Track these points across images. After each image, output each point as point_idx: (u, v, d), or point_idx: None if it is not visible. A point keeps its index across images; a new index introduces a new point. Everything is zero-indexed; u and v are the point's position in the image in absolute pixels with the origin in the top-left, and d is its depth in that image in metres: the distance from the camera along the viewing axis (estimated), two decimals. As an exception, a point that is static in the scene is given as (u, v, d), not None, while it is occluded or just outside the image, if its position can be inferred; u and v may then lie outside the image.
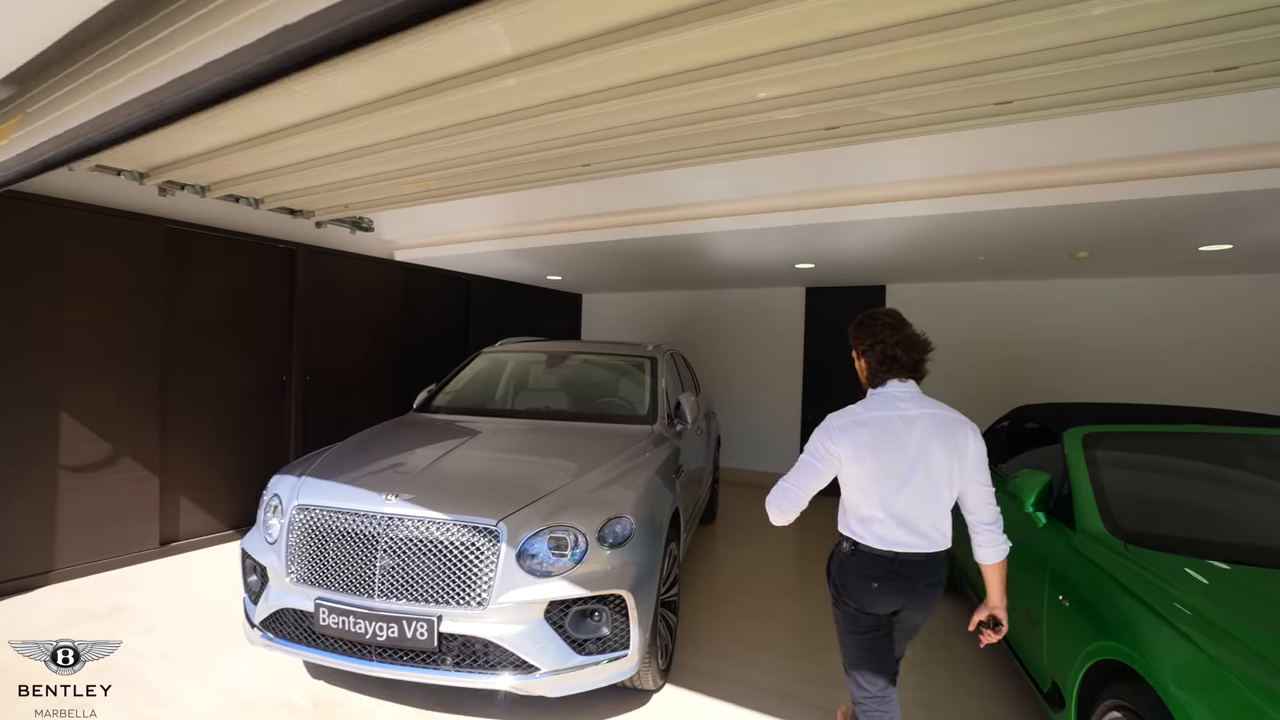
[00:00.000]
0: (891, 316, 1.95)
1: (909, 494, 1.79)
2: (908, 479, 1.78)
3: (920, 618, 1.92)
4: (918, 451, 1.79)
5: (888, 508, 1.80)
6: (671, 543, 3.02)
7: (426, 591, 2.27)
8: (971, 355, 6.40)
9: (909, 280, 6.53)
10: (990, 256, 4.94)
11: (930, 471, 1.79)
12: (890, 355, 1.88)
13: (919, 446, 1.79)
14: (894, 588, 1.83)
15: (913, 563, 1.82)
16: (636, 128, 2.88)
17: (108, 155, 3.60)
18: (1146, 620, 1.74)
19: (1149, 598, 1.79)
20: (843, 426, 1.84)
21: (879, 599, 1.85)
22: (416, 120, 2.90)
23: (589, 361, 4.33)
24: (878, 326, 1.93)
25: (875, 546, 1.83)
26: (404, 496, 2.40)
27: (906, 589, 1.83)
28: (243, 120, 2.96)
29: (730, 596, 4.01)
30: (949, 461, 1.80)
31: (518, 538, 2.30)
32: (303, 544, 2.44)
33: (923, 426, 1.82)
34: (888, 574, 1.82)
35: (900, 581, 1.82)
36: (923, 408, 1.86)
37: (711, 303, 7.90)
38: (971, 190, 3.53)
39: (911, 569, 1.82)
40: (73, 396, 3.90)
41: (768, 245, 4.87)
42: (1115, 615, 1.84)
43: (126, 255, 4.12)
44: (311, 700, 2.59)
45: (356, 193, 4.31)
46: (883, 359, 1.90)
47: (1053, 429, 2.95)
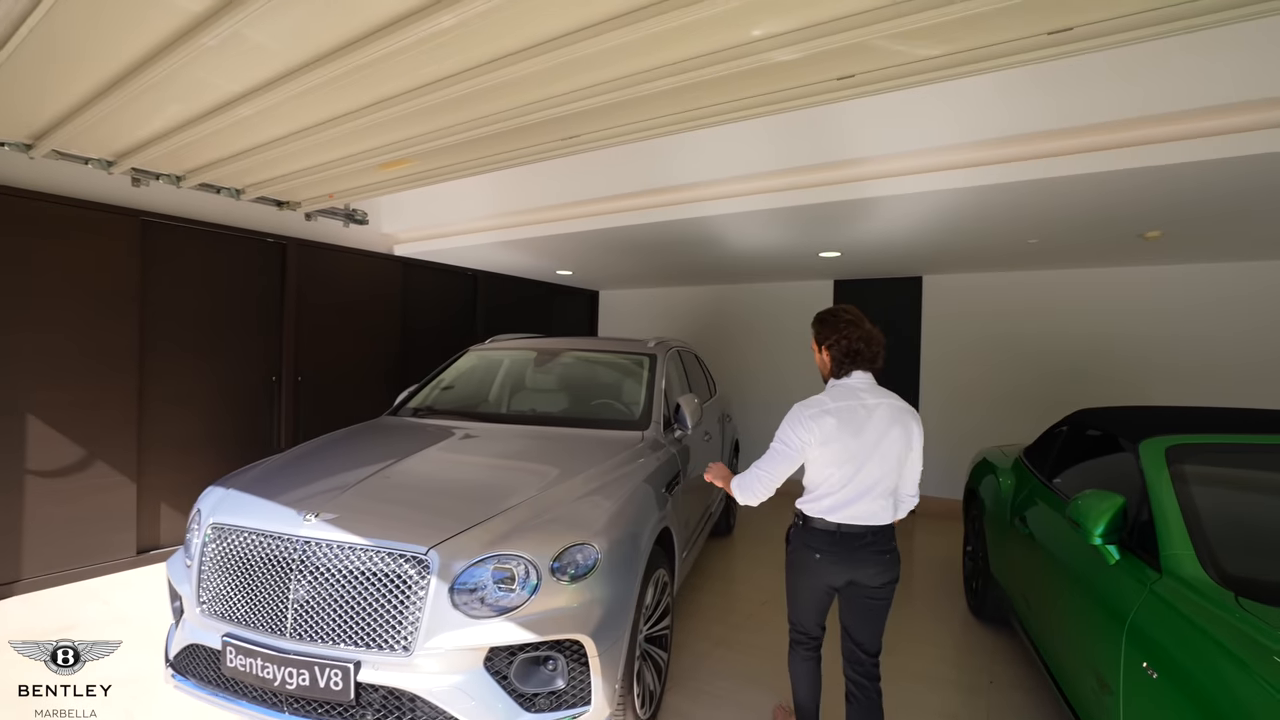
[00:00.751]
0: (852, 313, 2.12)
1: (865, 474, 1.98)
2: (867, 461, 1.98)
3: (877, 583, 2.03)
4: (876, 438, 1.99)
5: (845, 487, 1.98)
6: (660, 568, 2.59)
7: (344, 632, 1.89)
8: (1020, 354, 5.75)
9: (948, 270, 5.92)
10: (1043, 239, 4.33)
11: (885, 455, 2.00)
12: (854, 349, 2.06)
13: (877, 433, 1.99)
14: (834, 559, 2.02)
15: (852, 534, 2.01)
16: (616, 84, 2.46)
17: (69, 140, 3.38)
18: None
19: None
20: (812, 415, 2.00)
21: (823, 570, 2.04)
22: (364, 86, 2.55)
23: (582, 360, 3.92)
24: (841, 323, 2.09)
25: (823, 518, 2.03)
26: (325, 516, 2.03)
27: (848, 558, 2.01)
28: (183, 89, 2.67)
29: (743, 626, 3.54)
30: (902, 447, 2.02)
31: (452, 569, 1.90)
32: (215, 570, 2.10)
33: (880, 414, 2.02)
34: (828, 545, 2.02)
35: (841, 552, 2.01)
36: (880, 397, 2.06)
37: (733, 298, 7.42)
38: (1020, 155, 2.97)
39: (852, 540, 2.01)
40: (42, 398, 3.71)
41: (782, 231, 4.38)
42: (1233, 706, 1.32)
43: (99, 249, 3.91)
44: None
45: (335, 179, 4.01)
46: (846, 352, 2.07)
47: (1123, 439, 2.40)
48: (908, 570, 4.53)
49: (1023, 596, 2.84)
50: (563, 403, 3.61)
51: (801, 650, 2.22)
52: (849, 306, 2.16)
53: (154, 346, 4.19)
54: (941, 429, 6.05)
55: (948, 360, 6.10)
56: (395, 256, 5.84)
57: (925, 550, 5.12)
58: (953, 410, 6.04)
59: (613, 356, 3.89)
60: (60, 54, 2.40)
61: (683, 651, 3.19)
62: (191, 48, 2.19)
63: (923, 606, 3.89)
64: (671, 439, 3.25)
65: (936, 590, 4.16)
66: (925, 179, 3.22)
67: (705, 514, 3.95)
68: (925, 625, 3.62)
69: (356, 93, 2.65)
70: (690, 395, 3.41)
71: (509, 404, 3.68)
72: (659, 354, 3.72)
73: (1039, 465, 3.14)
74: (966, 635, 3.51)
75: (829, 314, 2.15)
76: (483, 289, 6.89)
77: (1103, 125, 2.71)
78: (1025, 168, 2.99)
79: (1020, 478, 3.27)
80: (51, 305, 3.73)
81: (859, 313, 2.12)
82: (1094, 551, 2.09)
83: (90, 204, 3.87)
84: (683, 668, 3.03)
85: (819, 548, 2.03)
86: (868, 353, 2.07)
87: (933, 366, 6.17)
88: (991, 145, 2.98)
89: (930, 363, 6.19)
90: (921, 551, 5.10)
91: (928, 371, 6.20)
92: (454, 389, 3.72)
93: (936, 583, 4.32)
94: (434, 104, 2.69)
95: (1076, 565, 2.26)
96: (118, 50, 2.34)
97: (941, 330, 6.14)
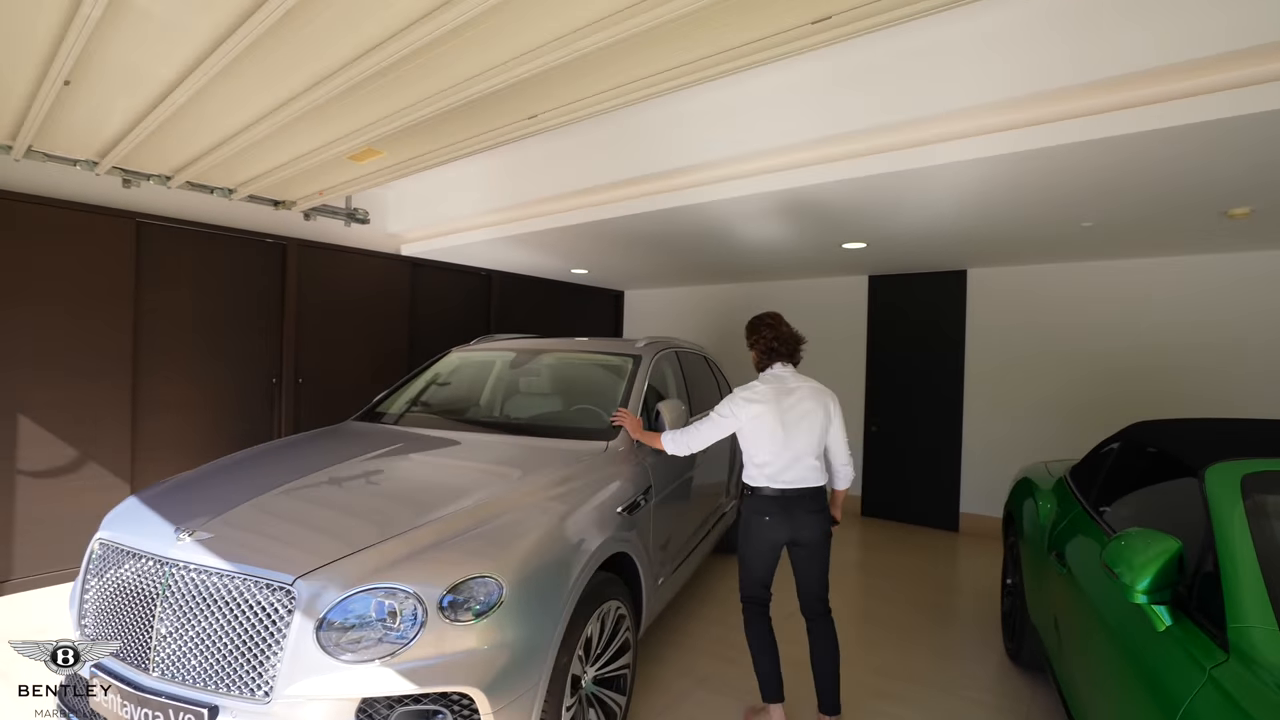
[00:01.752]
0: (773, 317, 2.62)
1: (793, 442, 2.41)
2: (793, 430, 2.41)
3: (815, 539, 2.44)
4: (799, 413, 2.44)
5: (776, 456, 2.41)
6: (612, 600, 2.25)
7: (204, 672, 1.64)
8: (1079, 357, 5.05)
9: (994, 263, 5.27)
10: (1100, 221, 3.71)
11: (811, 427, 2.44)
12: (771, 347, 2.57)
13: (799, 409, 2.44)
14: (780, 519, 2.42)
15: (793, 496, 2.42)
16: (559, 43, 2.15)
17: (44, 139, 3.37)
18: None
19: None
20: (747, 397, 2.48)
21: (771, 529, 2.43)
22: (287, 62, 2.35)
23: (561, 363, 3.61)
24: (763, 326, 2.60)
25: (766, 486, 2.44)
26: (200, 536, 1.80)
27: (790, 518, 2.41)
28: (120, 79, 2.56)
29: (736, 661, 3.10)
30: (823, 418, 2.47)
31: (320, 602, 1.62)
32: (95, 591, 1.91)
33: (801, 394, 2.48)
34: (775, 508, 2.42)
35: (785, 513, 2.41)
36: (800, 382, 2.53)
37: (761, 296, 6.94)
38: (1068, 114, 2.44)
39: (792, 502, 2.42)
40: (35, 399, 3.72)
41: (789, 220, 3.94)
42: None
43: (93, 250, 3.91)
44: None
45: (314, 174, 3.89)
46: (767, 350, 2.58)
47: (1186, 460, 1.88)
48: (945, 597, 3.98)
49: (1058, 649, 2.32)
50: (531, 409, 3.32)
51: (755, 608, 2.53)
52: (772, 313, 2.65)
53: (149, 348, 4.18)
54: (987, 439, 5.41)
55: (995, 363, 5.44)
56: (403, 256, 5.73)
57: (968, 575, 4.53)
58: (1000, 418, 5.38)
59: (594, 358, 3.56)
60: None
61: (655, 690, 2.82)
62: (79, 19, 2.02)
63: (955, 643, 3.37)
64: (647, 451, 2.90)
65: (972, 625, 3.62)
66: (953, 147, 2.71)
67: (701, 530, 3.56)
68: (954, 667, 3.10)
69: (284, 73, 2.46)
70: (674, 401, 3.03)
71: (474, 409, 3.41)
72: (645, 355, 3.37)
73: (1084, 489, 2.60)
74: (1001, 683, 2.98)
75: (754, 320, 2.65)
76: (497, 289, 6.71)
77: (1183, 66, 2.14)
78: (1079, 127, 2.45)
79: (1062, 502, 2.73)
80: (45, 307, 3.74)
81: (779, 316, 2.63)
82: (1134, 613, 1.61)
83: (83, 206, 3.87)
84: (652, 710, 2.66)
85: (767, 511, 2.43)
86: (784, 349, 2.56)
87: (978, 369, 5.52)
88: (1043, 101, 2.43)
89: (975, 365, 5.54)
90: (965, 576, 4.51)
91: (973, 374, 5.55)
92: (424, 391, 3.49)
93: (974, 616, 3.76)
94: (371, 81, 2.47)
95: (1117, 623, 1.76)
96: (33, 31, 2.22)
97: (988, 329, 5.49)
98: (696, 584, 4.14)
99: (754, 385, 2.52)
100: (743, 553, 2.53)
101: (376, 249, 5.53)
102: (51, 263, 3.76)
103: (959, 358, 5.60)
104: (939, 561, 4.80)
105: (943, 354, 5.68)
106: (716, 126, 3.35)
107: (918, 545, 4.94)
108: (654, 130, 3.64)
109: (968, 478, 5.49)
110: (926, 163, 2.80)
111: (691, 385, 4.01)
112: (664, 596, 3.06)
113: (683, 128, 3.50)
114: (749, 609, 2.54)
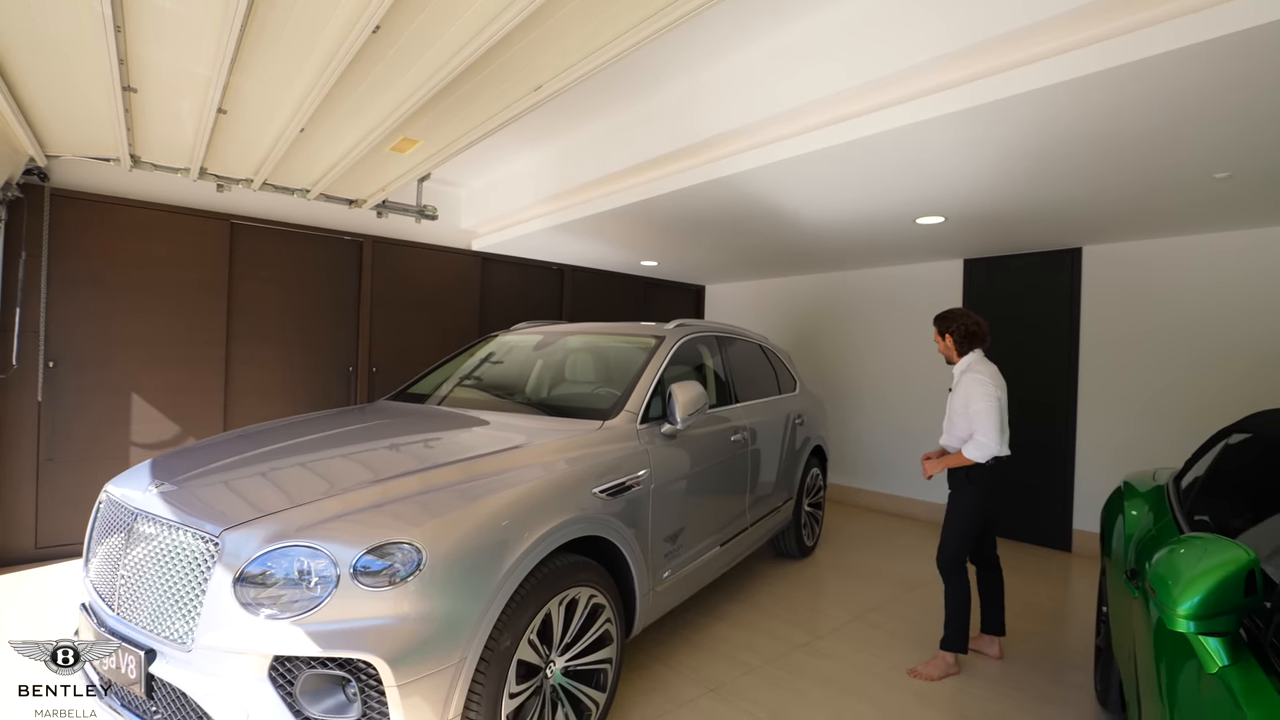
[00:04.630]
0: (964, 312, 3.03)
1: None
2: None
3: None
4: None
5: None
6: (584, 587, 2.09)
7: (146, 615, 1.71)
8: (1212, 345, 4.09)
9: (1112, 237, 4.42)
10: (1238, 169, 2.96)
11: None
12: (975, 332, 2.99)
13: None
14: (994, 487, 2.88)
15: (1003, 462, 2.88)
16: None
17: (145, 150, 3.84)
18: None
19: None
20: (995, 379, 2.85)
21: (989, 497, 2.89)
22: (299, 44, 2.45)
23: (585, 345, 3.50)
24: (965, 318, 2.99)
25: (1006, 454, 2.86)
26: (165, 488, 1.89)
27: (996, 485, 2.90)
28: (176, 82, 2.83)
29: (757, 670, 2.82)
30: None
31: (241, 556, 1.62)
32: (96, 534, 2.07)
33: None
34: (994, 479, 2.87)
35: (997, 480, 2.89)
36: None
37: (846, 286, 6.41)
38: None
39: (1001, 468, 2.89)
40: (145, 381, 4.26)
41: (844, 188, 3.54)
42: None
43: (194, 249, 4.42)
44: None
45: (370, 171, 4.10)
46: (979, 335, 2.99)
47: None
48: (1038, 626, 3.36)
49: (1134, 692, 1.82)
50: (545, 389, 3.23)
51: (964, 568, 2.88)
52: (964, 308, 3.06)
53: (239, 337, 4.64)
54: (1105, 444, 4.57)
55: (1116, 355, 4.56)
56: (474, 251, 5.94)
57: (1073, 602, 3.82)
58: (1121, 420, 4.50)
59: (616, 340, 3.41)
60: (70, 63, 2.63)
61: (656, 692, 2.61)
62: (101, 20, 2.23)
63: (1034, 681, 2.81)
64: (656, 433, 2.70)
65: (1065, 661, 3.01)
66: (1057, 63, 2.17)
67: (731, 526, 3.27)
68: (1023, 709, 2.58)
69: (299, 60, 2.58)
70: (689, 382, 2.80)
71: (490, 390, 3.38)
72: (669, 337, 3.18)
73: (1184, 495, 2.04)
74: (1080, 735, 2.43)
75: (953, 311, 3.03)
76: (570, 284, 6.77)
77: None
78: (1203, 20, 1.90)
79: (1156, 512, 2.16)
80: (153, 299, 4.27)
81: (969, 311, 3.02)
82: (1181, 647, 1.18)
83: (185, 210, 4.38)
84: (644, 714, 2.45)
85: (988, 483, 2.82)
86: (981, 334, 2.97)
87: (1095, 363, 4.67)
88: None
89: (1091, 358, 4.69)
90: (1068, 603, 3.81)
91: (1088, 369, 4.71)
92: (452, 373, 3.53)
93: (1069, 650, 3.14)
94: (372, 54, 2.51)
95: (1172, 659, 1.32)
96: (82, 40, 2.50)
97: (1108, 316, 4.62)
98: (729, 585, 3.84)
99: (987, 365, 2.90)
100: (969, 523, 2.85)
101: (447, 244, 5.78)
102: (159, 260, 4.29)
103: (1071, 350, 4.78)
104: (1039, 584, 4.09)
105: (1052, 346, 4.88)
106: (747, 90, 3.10)
107: (1017, 566, 4.25)
108: (686, 102, 3.46)
109: (1082, 489, 4.66)
110: (1019, 88, 2.26)
111: (734, 370, 3.75)
112: (678, 593, 2.84)
113: (714, 95, 3.28)
114: (963, 571, 2.87)
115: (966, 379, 2.86)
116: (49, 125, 3.37)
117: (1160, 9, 1.96)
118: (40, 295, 3.87)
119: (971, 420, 2.80)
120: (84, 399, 4.06)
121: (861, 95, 2.72)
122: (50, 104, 3.11)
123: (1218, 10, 1.87)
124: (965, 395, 2.84)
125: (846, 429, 6.18)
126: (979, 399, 2.77)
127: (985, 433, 2.74)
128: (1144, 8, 1.99)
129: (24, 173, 3.78)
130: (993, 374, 2.84)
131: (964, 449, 2.80)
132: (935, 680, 2.78)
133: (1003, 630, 3.05)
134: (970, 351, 2.96)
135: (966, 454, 2.78)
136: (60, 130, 3.46)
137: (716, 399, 3.44)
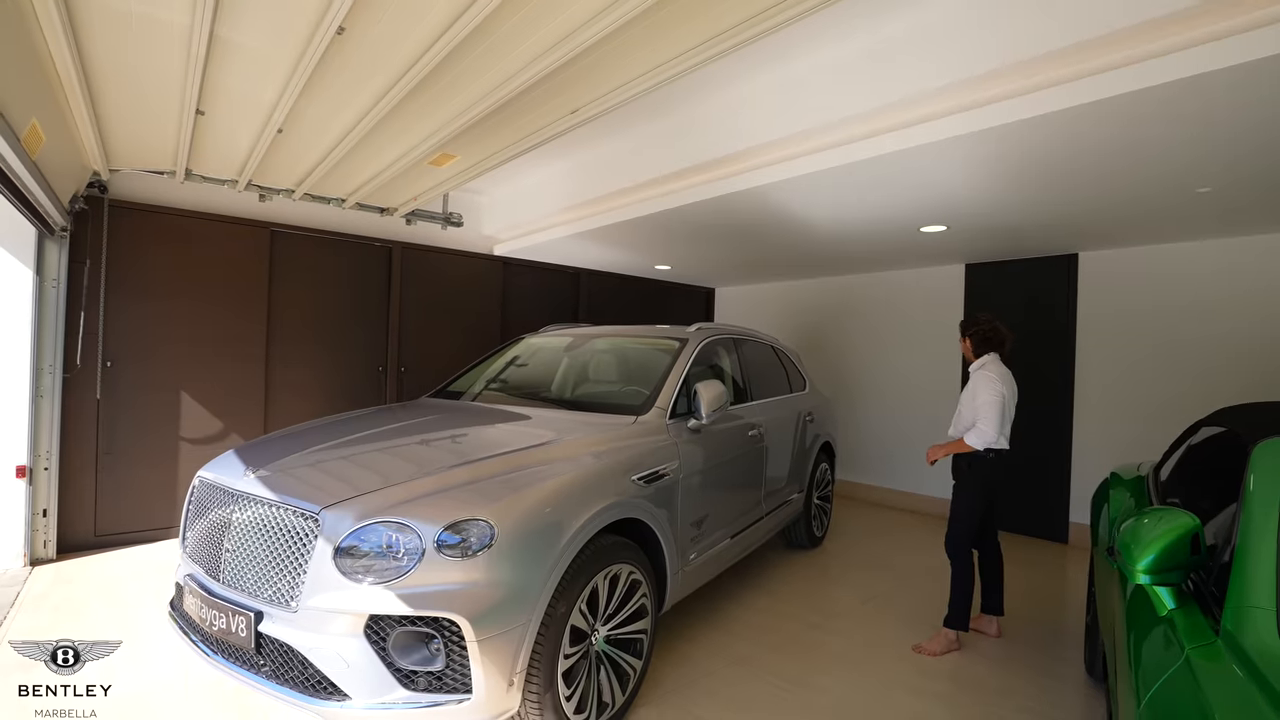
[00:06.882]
0: (987, 317, 3.31)
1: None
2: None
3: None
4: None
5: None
6: (625, 564, 2.35)
7: (253, 582, 1.97)
8: (1202, 346, 4.34)
9: (1107, 244, 4.67)
10: (1218, 185, 3.21)
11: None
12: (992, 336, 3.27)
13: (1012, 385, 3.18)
14: (1002, 473, 3.16)
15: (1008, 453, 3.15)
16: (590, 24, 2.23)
17: (196, 163, 4.10)
18: None
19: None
20: (1003, 377, 3.13)
21: (997, 482, 3.15)
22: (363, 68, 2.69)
23: (613, 346, 3.76)
24: (983, 322, 3.29)
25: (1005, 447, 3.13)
26: (260, 474, 2.15)
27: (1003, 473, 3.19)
28: (235, 106, 3.09)
29: (779, 649, 3.07)
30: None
31: (339, 530, 1.88)
32: (192, 516, 2.33)
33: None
34: (1003, 470, 3.14)
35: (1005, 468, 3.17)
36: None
37: (852, 289, 6.67)
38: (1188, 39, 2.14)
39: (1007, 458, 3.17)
40: (192, 380, 4.52)
41: (850, 203, 3.80)
42: None
43: (237, 255, 4.69)
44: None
45: (405, 181, 4.36)
46: (997, 338, 3.27)
47: (1243, 438, 1.63)
48: (1029, 608, 3.61)
49: (1112, 655, 2.07)
50: (577, 387, 3.50)
51: (969, 552, 3.15)
52: (986, 314, 3.34)
53: (278, 338, 4.91)
54: (1100, 440, 4.81)
55: (1110, 355, 4.81)
56: (496, 256, 6.21)
57: (1066, 588, 4.07)
58: (1115, 417, 4.75)
59: (644, 341, 3.67)
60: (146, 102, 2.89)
61: (685, 664, 2.87)
62: (188, 55, 2.49)
63: (1024, 653, 3.07)
64: (683, 428, 2.96)
65: (1054, 637, 3.26)
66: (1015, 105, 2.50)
67: (747, 516, 3.53)
68: (1016, 675, 2.83)
69: (360, 83, 2.83)
70: (712, 381, 3.06)
71: (527, 388, 3.65)
72: (692, 339, 3.43)
73: (1160, 481, 2.29)
74: (1066, 696, 2.68)
75: (976, 316, 3.34)
76: (585, 287, 7.03)
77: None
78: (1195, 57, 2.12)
79: (1137, 498, 2.41)
80: (199, 302, 4.54)
81: (990, 317, 3.31)
82: (1141, 600, 1.43)
83: (230, 219, 4.65)
84: (676, 682, 2.71)
85: (987, 474, 3.09)
86: (997, 339, 3.24)
87: (1091, 363, 4.92)
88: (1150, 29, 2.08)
89: (1087, 358, 4.94)
90: (1061, 589, 4.06)
91: (1084, 368, 4.95)
92: (486, 373, 3.80)
93: (1060, 628, 3.39)
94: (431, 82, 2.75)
95: (1133, 610, 1.57)
96: (169, 72, 2.76)
97: (1103, 318, 4.87)
98: (749, 572, 4.10)
99: (996, 364, 3.15)
100: (978, 504, 3.11)
101: (471, 249, 6.04)
102: (204, 265, 4.56)
103: (1068, 350, 5.03)
104: (1037, 572, 4.34)
105: (1049, 346, 5.13)
106: (763, 109, 3.35)
107: (1016, 556, 4.49)
108: (706, 120, 3.70)
109: (1079, 483, 4.90)
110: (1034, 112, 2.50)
111: (749, 370, 4.00)
112: (702, 574, 3.09)
113: (731, 114, 3.53)
114: (968, 554, 3.13)
115: (977, 376, 3.15)
116: (119, 142, 3.64)
117: (1155, 45, 2.16)
118: (99, 300, 4.14)
119: (976, 411, 3.07)
120: (137, 396, 4.33)
121: (882, 115, 2.95)
122: (124, 124, 3.37)
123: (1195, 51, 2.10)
124: (973, 389, 3.13)
125: (853, 426, 6.43)
126: (984, 392, 3.05)
127: (986, 421, 3.00)
128: (1142, 41, 2.19)
129: (86, 185, 4.06)
130: (1002, 374, 3.11)
131: (965, 436, 3.06)
132: (938, 655, 3.04)
133: (1001, 610, 3.30)
134: (987, 354, 3.22)
135: (967, 440, 3.05)
136: (127, 146, 3.73)
137: (733, 397, 3.69)
